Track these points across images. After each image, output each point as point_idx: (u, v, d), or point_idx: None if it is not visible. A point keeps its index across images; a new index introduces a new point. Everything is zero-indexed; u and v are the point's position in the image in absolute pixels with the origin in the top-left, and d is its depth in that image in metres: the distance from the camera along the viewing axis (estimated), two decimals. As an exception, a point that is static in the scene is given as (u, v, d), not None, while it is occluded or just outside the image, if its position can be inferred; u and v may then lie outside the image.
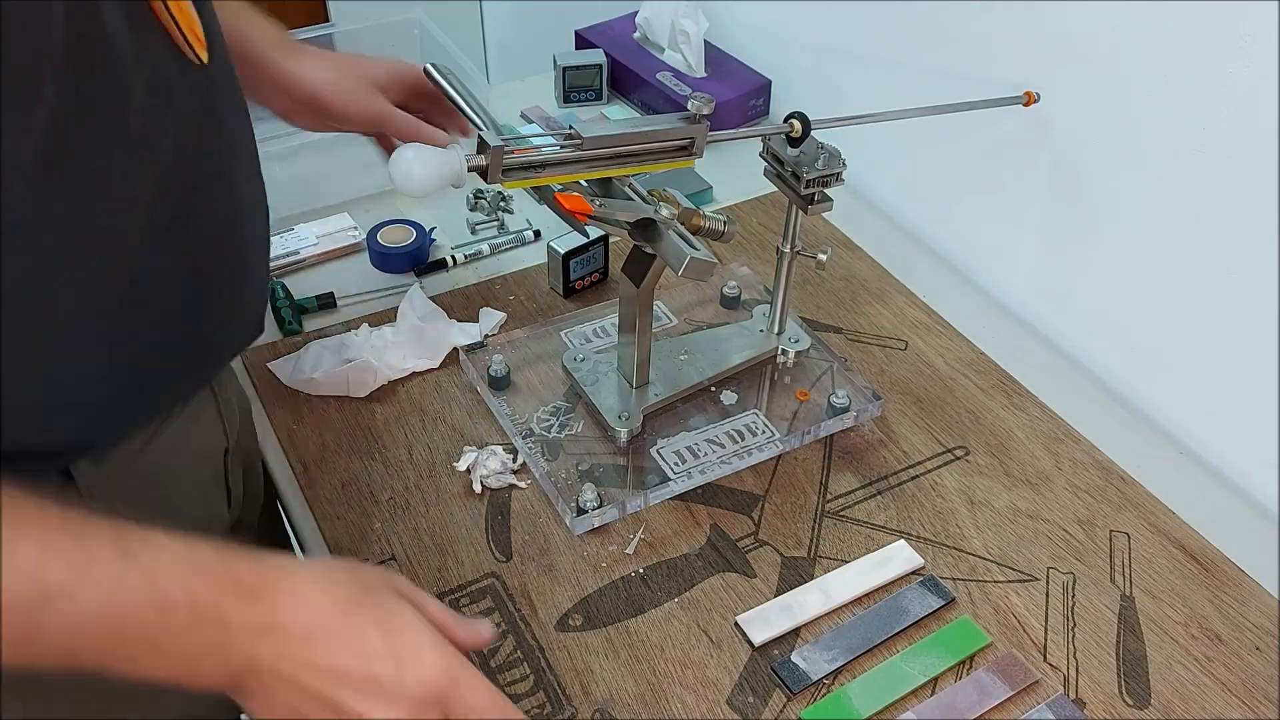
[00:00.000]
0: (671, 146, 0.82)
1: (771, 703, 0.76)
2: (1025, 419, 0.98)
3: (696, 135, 0.82)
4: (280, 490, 0.91)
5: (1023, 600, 0.83)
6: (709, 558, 0.85)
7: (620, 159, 0.80)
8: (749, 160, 0.97)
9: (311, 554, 0.85)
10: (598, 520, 0.87)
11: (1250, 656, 0.80)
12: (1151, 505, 0.91)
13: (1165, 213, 0.95)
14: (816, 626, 0.81)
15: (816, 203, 0.90)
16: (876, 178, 1.27)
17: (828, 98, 1.31)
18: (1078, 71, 0.98)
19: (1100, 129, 0.98)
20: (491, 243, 1.16)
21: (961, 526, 0.88)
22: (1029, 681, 0.77)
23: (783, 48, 1.36)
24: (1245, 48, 0.83)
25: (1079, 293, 1.06)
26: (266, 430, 0.94)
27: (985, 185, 1.14)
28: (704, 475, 0.90)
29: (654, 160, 0.82)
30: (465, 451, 0.91)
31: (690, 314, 1.07)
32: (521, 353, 1.01)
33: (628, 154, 0.80)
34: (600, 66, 1.38)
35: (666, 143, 0.81)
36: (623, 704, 0.75)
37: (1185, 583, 0.85)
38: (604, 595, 0.82)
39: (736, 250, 1.17)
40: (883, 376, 1.02)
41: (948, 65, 1.11)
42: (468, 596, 0.82)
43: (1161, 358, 1.00)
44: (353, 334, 1.00)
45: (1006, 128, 1.08)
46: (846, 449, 0.95)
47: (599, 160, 0.79)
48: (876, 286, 1.13)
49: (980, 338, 1.06)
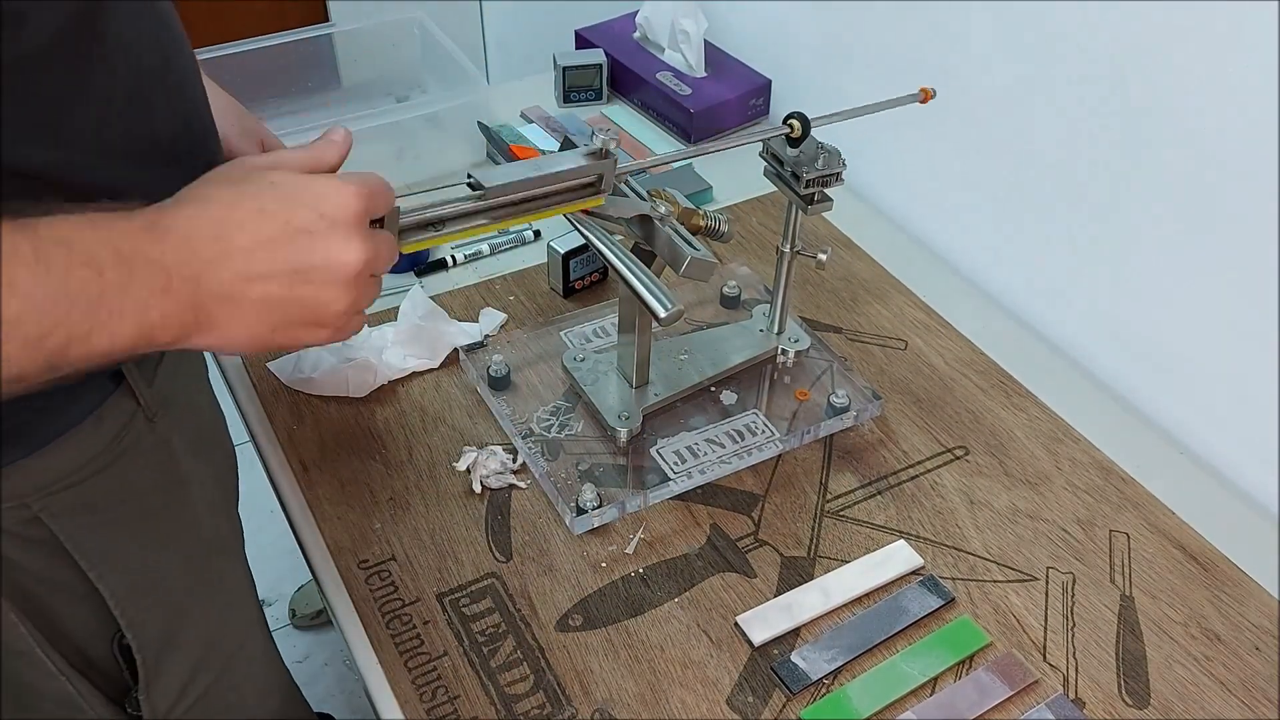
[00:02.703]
0: (578, 185, 0.75)
1: (771, 703, 0.76)
2: (1025, 419, 0.98)
3: (605, 171, 0.75)
4: (280, 490, 0.91)
5: (1022, 600, 0.83)
6: (709, 558, 0.85)
7: (526, 204, 0.73)
8: (749, 160, 0.97)
9: (311, 554, 0.85)
10: (598, 520, 0.87)
11: (1249, 656, 0.80)
12: (1151, 505, 0.91)
13: (1165, 213, 0.95)
14: (816, 626, 0.81)
15: (816, 202, 0.90)
16: (876, 178, 1.27)
17: (828, 98, 1.31)
18: (1078, 71, 0.98)
19: (1100, 129, 0.98)
20: (491, 243, 1.16)
21: (961, 526, 0.88)
22: (1028, 681, 0.77)
23: (783, 48, 1.36)
24: (1245, 48, 0.83)
25: (1079, 293, 1.06)
26: (267, 430, 0.94)
27: (985, 185, 1.14)
28: (704, 475, 0.90)
29: (560, 202, 0.75)
30: (465, 451, 0.91)
31: (690, 314, 1.07)
32: (521, 353, 1.01)
33: (535, 198, 0.73)
34: (600, 66, 1.38)
35: (573, 182, 0.75)
36: (623, 704, 0.76)
37: (1185, 582, 0.85)
38: (604, 595, 0.82)
39: (736, 250, 1.17)
40: (882, 376, 1.02)
41: (948, 65, 1.11)
42: (468, 596, 0.82)
43: (1161, 358, 1.00)
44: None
45: (1007, 129, 1.08)
46: (846, 449, 0.95)
47: (503, 209, 0.71)
48: (876, 286, 1.13)
49: (980, 338, 1.06)
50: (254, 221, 0.54)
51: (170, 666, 0.74)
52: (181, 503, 0.72)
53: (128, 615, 0.69)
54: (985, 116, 1.06)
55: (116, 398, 0.64)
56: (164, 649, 0.73)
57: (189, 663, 0.75)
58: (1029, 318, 1.12)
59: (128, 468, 0.66)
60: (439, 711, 0.75)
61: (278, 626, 1.67)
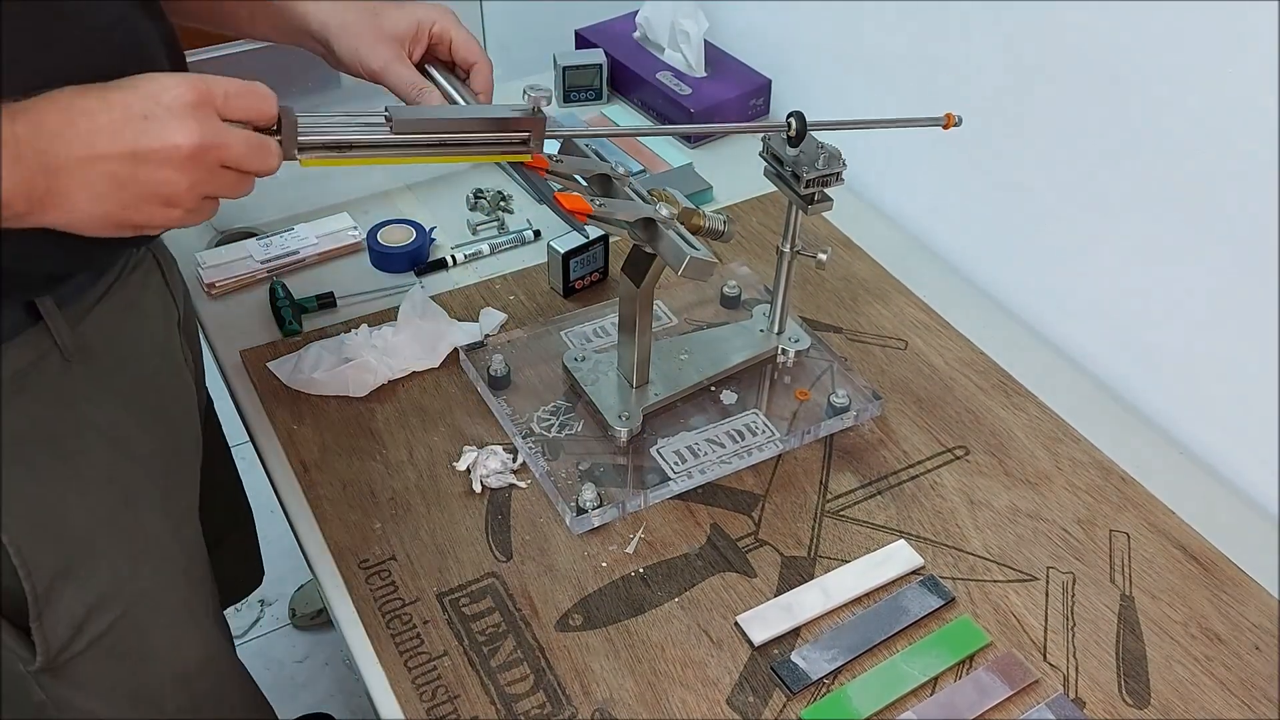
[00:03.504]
0: (505, 140, 0.76)
1: (771, 702, 0.76)
2: (1025, 419, 0.98)
3: (534, 129, 0.76)
4: (280, 490, 0.91)
5: (1022, 600, 0.83)
6: (709, 557, 0.85)
7: (440, 146, 0.74)
8: (749, 160, 0.97)
9: (311, 554, 0.85)
10: (598, 520, 0.87)
11: (1249, 656, 0.80)
12: (1151, 505, 0.91)
13: (1165, 213, 0.95)
14: (816, 626, 0.81)
15: (816, 203, 0.90)
16: (876, 178, 1.27)
17: (828, 98, 1.31)
18: (1078, 71, 0.98)
19: (1100, 129, 0.98)
20: (491, 243, 1.16)
21: (961, 526, 0.88)
22: (1029, 681, 0.77)
23: (783, 48, 1.36)
24: (1245, 48, 0.83)
25: (1079, 293, 1.06)
26: (267, 430, 0.94)
27: (985, 185, 1.14)
28: (704, 475, 0.90)
29: (482, 151, 0.76)
30: (465, 451, 0.91)
31: (690, 314, 1.07)
32: (521, 353, 1.01)
33: (449, 142, 0.74)
34: (600, 66, 1.38)
35: (496, 134, 0.75)
36: (623, 704, 0.76)
37: (1185, 582, 0.85)
38: (604, 595, 0.82)
39: (736, 250, 1.17)
40: (883, 376, 1.02)
41: (948, 65, 1.11)
42: (468, 596, 0.82)
43: (1161, 358, 1.00)
44: (353, 334, 1.00)
45: (1006, 129, 1.08)
46: (846, 449, 0.95)
47: (414, 146, 0.72)
48: (876, 286, 1.13)
49: (980, 338, 1.06)
50: (98, 107, 0.58)
51: (64, 599, 0.75)
52: (94, 448, 0.76)
53: (16, 543, 0.71)
54: (985, 116, 1.06)
55: (30, 334, 0.69)
56: (57, 579, 0.74)
57: (86, 599, 0.77)
58: (1029, 318, 1.12)
59: (34, 403, 0.71)
60: (439, 711, 0.75)
61: (278, 626, 1.67)
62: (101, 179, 0.58)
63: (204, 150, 0.60)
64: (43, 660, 0.76)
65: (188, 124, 0.59)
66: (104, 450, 0.77)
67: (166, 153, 0.59)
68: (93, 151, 0.58)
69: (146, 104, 0.59)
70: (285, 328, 1.04)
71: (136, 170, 0.59)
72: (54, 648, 0.76)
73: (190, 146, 0.59)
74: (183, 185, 0.60)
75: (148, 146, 0.59)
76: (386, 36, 0.83)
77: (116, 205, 0.59)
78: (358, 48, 0.83)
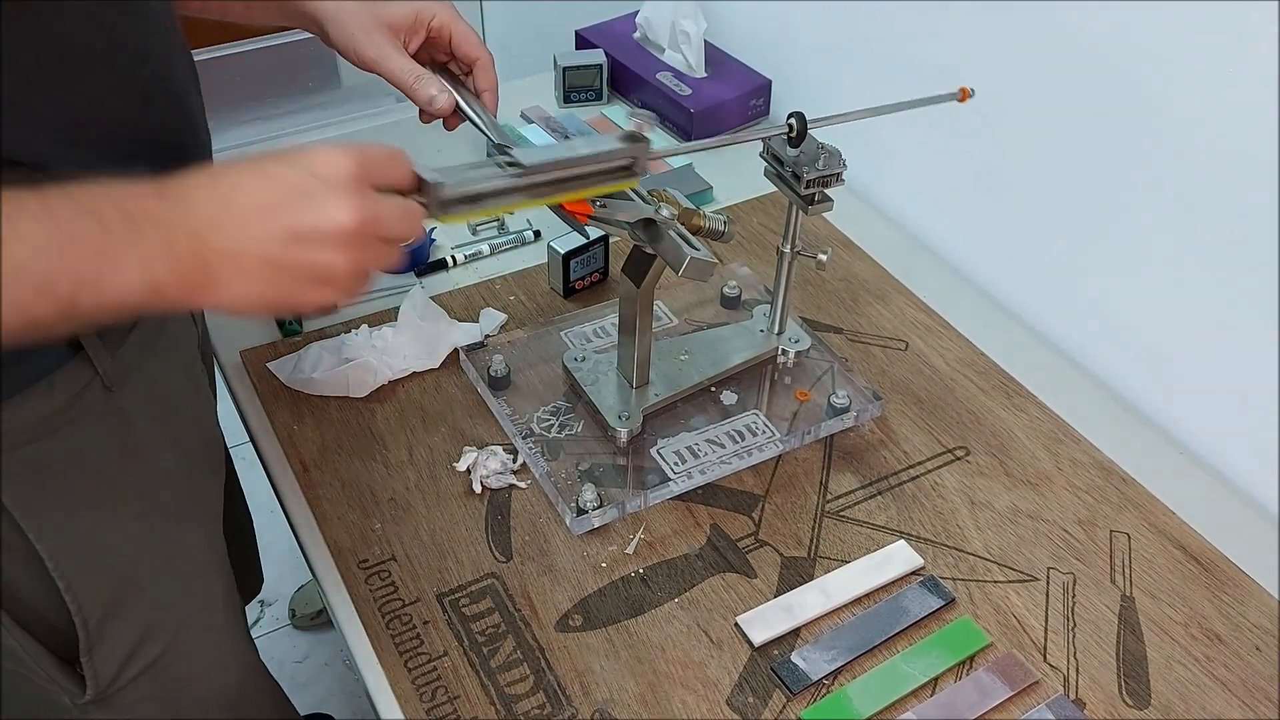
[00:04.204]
0: (613, 168, 0.77)
1: (771, 703, 0.76)
2: (1025, 419, 0.98)
3: (638, 155, 0.77)
4: (280, 490, 0.91)
5: (1023, 600, 0.83)
6: (709, 558, 0.85)
7: (562, 184, 0.75)
8: (749, 160, 0.97)
9: (311, 554, 0.85)
10: (598, 520, 0.87)
11: (1250, 656, 0.80)
12: (1151, 505, 0.91)
13: (1165, 213, 0.95)
14: (816, 627, 0.81)
15: (817, 203, 0.90)
16: (877, 178, 1.27)
17: (828, 98, 1.31)
18: (1078, 71, 0.98)
19: (1100, 129, 0.98)
20: (491, 243, 1.16)
21: (962, 527, 0.88)
22: (1029, 682, 0.77)
23: (783, 48, 1.36)
24: (1245, 47, 0.83)
25: (1079, 293, 1.06)
26: (267, 430, 0.94)
27: (986, 185, 1.14)
28: (704, 475, 0.90)
29: (596, 183, 0.77)
30: (465, 452, 0.91)
31: (690, 314, 1.07)
32: (521, 353, 1.01)
33: (569, 178, 0.75)
34: (600, 66, 1.38)
35: (608, 164, 0.76)
36: (623, 704, 0.76)
37: (1185, 583, 0.85)
38: (604, 595, 0.82)
39: (736, 250, 1.17)
40: (883, 377, 1.02)
41: (948, 64, 1.11)
42: (468, 597, 0.82)
43: (1161, 358, 1.00)
44: (353, 334, 1.00)
45: (1007, 129, 1.08)
46: (847, 449, 0.95)
47: (540, 187, 0.73)
48: (877, 287, 1.13)
49: (980, 338, 1.06)
50: (253, 184, 0.56)
51: (115, 632, 0.74)
52: (136, 473, 0.73)
53: (67, 578, 0.69)
54: (985, 116, 1.06)
55: (73, 366, 0.66)
56: (109, 614, 0.73)
57: (136, 630, 0.75)
58: (1029, 318, 1.12)
59: (79, 433, 0.68)
60: (439, 711, 0.75)
61: (278, 626, 1.67)
62: (259, 261, 0.55)
63: (365, 226, 0.57)
64: (92, 694, 0.74)
65: (347, 200, 0.56)
66: (143, 474, 0.74)
67: (327, 232, 0.56)
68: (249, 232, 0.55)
69: (301, 177, 0.56)
70: (285, 328, 1.04)
71: (297, 253, 0.56)
72: (104, 681, 0.74)
73: (352, 223, 0.56)
74: (343, 264, 0.57)
75: (306, 224, 0.55)
76: (383, 26, 0.82)
77: (274, 289, 0.57)
78: (354, 35, 0.82)
